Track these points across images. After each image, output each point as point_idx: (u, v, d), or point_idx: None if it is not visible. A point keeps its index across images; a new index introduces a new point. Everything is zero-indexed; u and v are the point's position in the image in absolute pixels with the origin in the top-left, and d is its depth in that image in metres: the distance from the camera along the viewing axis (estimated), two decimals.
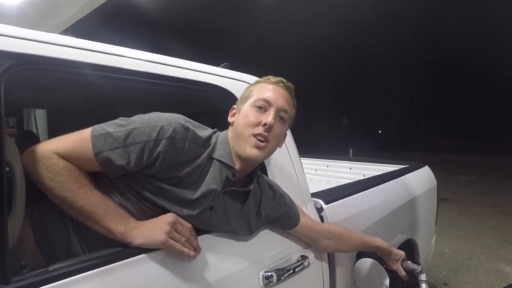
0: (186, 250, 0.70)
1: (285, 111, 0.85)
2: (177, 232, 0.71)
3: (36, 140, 1.15)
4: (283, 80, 0.88)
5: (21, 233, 0.67)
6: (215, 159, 0.81)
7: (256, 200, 0.92)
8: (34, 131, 2.06)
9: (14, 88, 0.87)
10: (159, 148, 0.70)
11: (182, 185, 0.76)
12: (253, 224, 0.90)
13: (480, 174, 9.65)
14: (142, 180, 0.74)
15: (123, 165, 0.69)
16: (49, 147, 0.65)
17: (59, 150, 0.66)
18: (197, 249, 0.74)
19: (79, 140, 0.68)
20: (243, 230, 0.89)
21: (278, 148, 0.89)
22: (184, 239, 0.71)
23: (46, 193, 0.65)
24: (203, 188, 0.78)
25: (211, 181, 0.79)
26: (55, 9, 2.28)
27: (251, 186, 0.87)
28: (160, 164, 0.71)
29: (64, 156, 0.66)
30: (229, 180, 0.82)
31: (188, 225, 0.75)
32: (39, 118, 2.15)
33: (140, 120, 0.72)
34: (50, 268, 0.58)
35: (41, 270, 0.57)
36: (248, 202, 0.89)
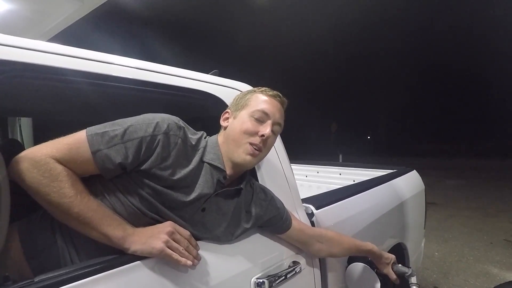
0: (182, 260, 0.69)
1: (279, 124, 0.90)
2: (175, 241, 0.70)
3: (21, 149, 1.11)
4: (280, 94, 0.93)
5: (8, 246, 0.65)
6: (206, 162, 0.83)
7: (247, 199, 0.93)
8: (19, 140, 2.01)
9: None
10: (155, 143, 0.72)
11: (176, 188, 0.76)
12: (244, 222, 0.90)
13: (466, 178, 9.86)
14: (137, 181, 0.73)
15: (121, 162, 0.69)
16: (45, 151, 0.64)
17: (54, 154, 0.64)
18: (197, 258, 0.73)
19: (74, 141, 0.67)
20: (237, 229, 0.89)
21: None
22: (182, 248, 0.70)
23: (38, 200, 0.62)
24: (196, 191, 0.78)
25: (203, 184, 0.80)
26: (41, 17, 2.24)
27: (243, 184, 0.89)
28: (155, 159, 0.72)
29: (61, 160, 0.64)
30: (220, 183, 0.84)
31: (187, 233, 0.74)
32: (24, 127, 2.10)
33: (135, 119, 0.74)
34: (36, 279, 0.56)
35: (27, 281, 0.55)
36: (240, 200, 0.90)
